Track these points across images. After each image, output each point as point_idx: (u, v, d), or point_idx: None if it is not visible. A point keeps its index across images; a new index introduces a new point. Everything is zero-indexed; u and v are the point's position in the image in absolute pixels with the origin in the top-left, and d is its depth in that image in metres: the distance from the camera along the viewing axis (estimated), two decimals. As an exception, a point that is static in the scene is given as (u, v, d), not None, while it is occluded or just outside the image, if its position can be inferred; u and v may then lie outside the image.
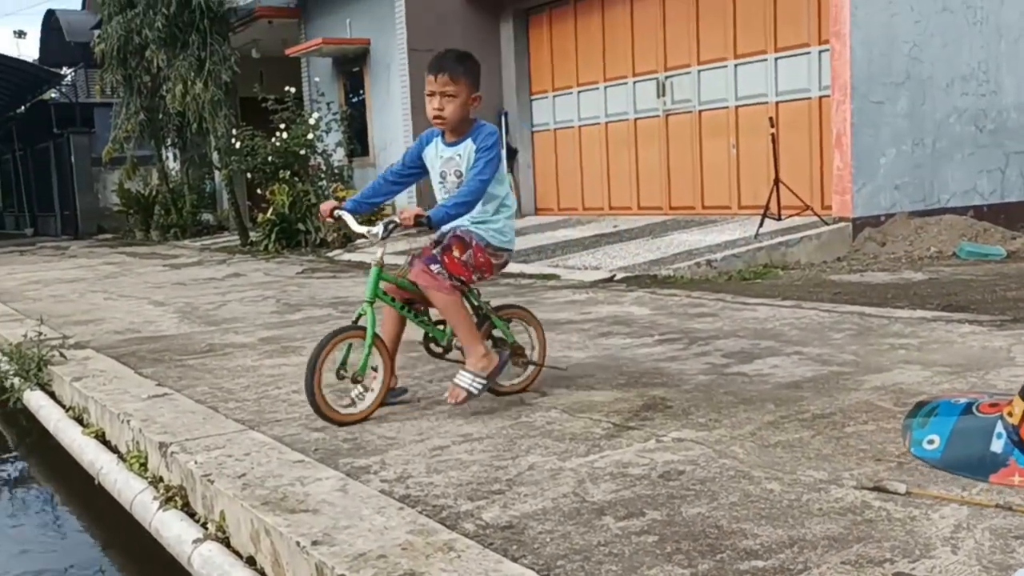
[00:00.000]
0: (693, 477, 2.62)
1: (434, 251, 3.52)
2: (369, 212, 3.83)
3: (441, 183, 3.63)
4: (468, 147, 3.52)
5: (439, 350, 3.70)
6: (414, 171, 3.73)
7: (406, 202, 12.95)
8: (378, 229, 3.43)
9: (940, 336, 4.48)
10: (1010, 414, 0.78)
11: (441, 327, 3.65)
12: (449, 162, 3.58)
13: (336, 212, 3.75)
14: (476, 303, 3.69)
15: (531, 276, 8.03)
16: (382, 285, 3.48)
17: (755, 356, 4.25)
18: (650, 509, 2.39)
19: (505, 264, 3.73)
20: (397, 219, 3.43)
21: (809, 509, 2.32)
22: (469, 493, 2.60)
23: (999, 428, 0.78)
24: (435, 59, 3.47)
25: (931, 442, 0.79)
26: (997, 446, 0.76)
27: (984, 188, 9.10)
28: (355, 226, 3.66)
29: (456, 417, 3.47)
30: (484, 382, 3.43)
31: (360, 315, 3.43)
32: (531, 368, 3.83)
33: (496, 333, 3.74)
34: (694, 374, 3.96)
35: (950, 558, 1.98)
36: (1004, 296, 5.74)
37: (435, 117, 3.49)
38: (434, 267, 3.46)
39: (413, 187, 12.57)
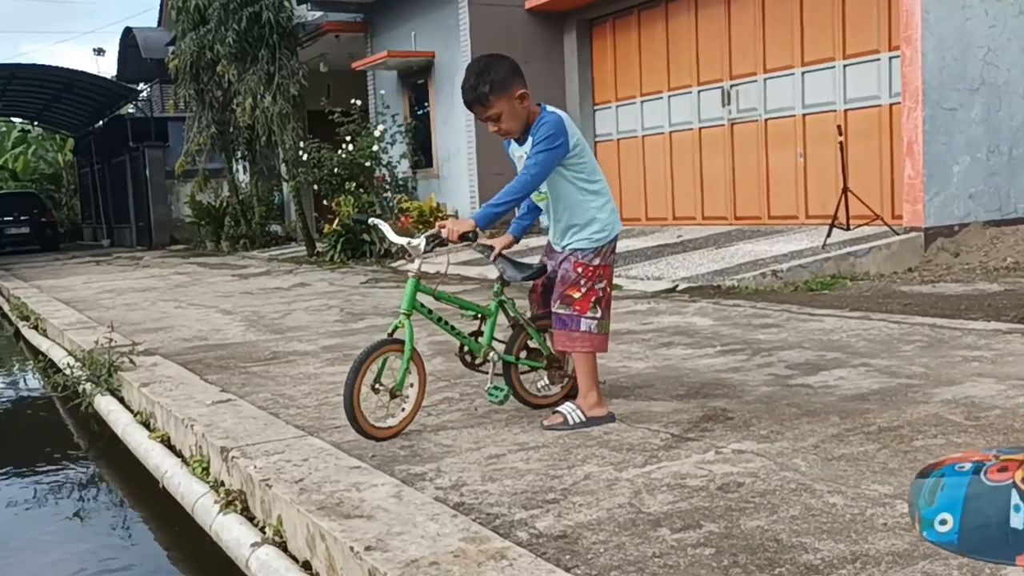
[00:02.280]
0: (753, 489, 2.56)
1: (558, 309, 3.45)
2: (524, 232, 3.78)
3: None
4: (531, 143, 3.47)
5: (472, 360, 3.63)
6: None
7: (468, 208, 13.01)
8: (419, 242, 3.42)
9: (1016, 349, 4.32)
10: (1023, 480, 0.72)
11: (476, 338, 3.60)
12: (521, 160, 3.54)
13: (372, 220, 3.78)
14: (512, 313, 3.65)
15: (593, 286, 7.97)
16: (419, 297, 3.44)
17: (820, 368, 4.15)
18: (707, 521, 2.34)
19: (616, 243, 3.57)
20: (443, 233, 3.41)
21: (873, 524, 2.25)
22: (523, 502, 2.58)
23: (1015, 499, 0.72)
24: (463, 94, 3.43)
25: (943, 523, 0.73)
26: (1017, 521, 0.70)
27: (1064, 197, 8.77)
28: (393, 236, 3.65)
29: (513, 426, 3.46)
30: (583, 419, 3.36)
31: (396, 327, 3.40)
32: (567, 380, 3.76)
33: (532, 344, 3.71)
34: (756, 385, 3.89)
35: (1019, 575, 1.90)
36: (1085, 308, 5.52)
37: (502, 135, 3.52)
38: (582, 326, 3.40)
39: (476, 189, 12.67)
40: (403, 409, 3.40)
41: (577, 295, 3.42)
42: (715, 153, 10.91)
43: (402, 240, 3.55)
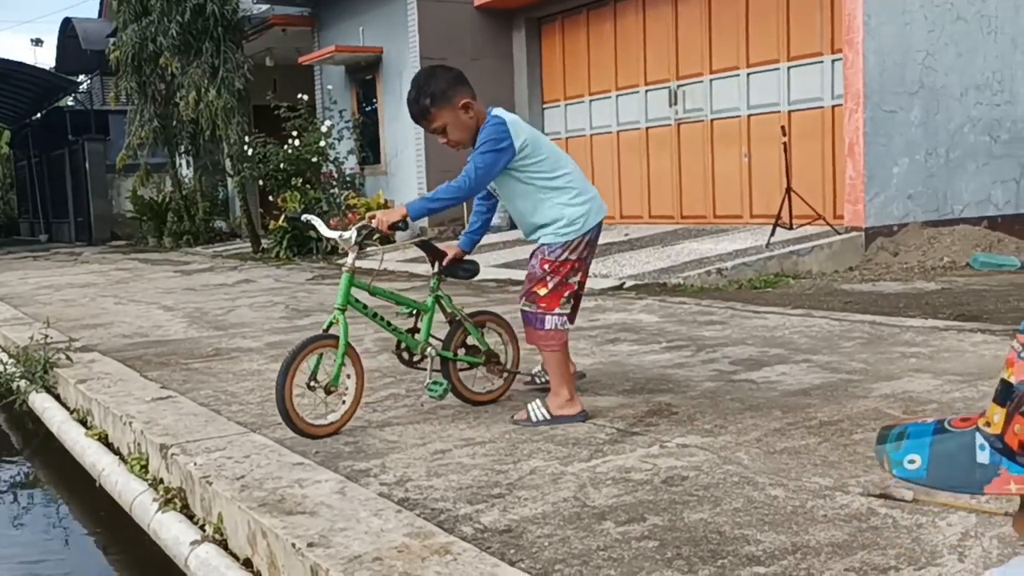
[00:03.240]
0: (696, 483, 2.58)
1: (523, 306, 3.43)
2: (474, 246, 3.76)
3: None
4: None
5: (410, 357, 3.60)
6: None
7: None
8: (351, 234, 3.39)
9: (952, 345, 4.42)
10: (988, 424, 0.75)
11: (413, 335, 3.57)
12: None
13: (305, 217, 3.73)
14: (449, 309, 3.64)
15: (540, 284, 7.99)
16: (354, 292, 3.39)
17: (763, 363, 4.20)
18: (651, 514, 2.35)
19: (593, 236, 3.52)
20: (373, 223, 3.38)
21: (813, 516, 2.28)
22: (469, 497, 2.57)
23: (980, 440, 0.75)
24: (408, 108, 3.44)
25: (912, 462, 0.76)
26: (983, 458, 0.73)
27: (998, 198, 9.02)
28: (325, 231, 3.60)
29: (459, 421, 3.44)
30: (547, 416, 3.32)
31: (331, 323, 3.35)
32: (506, 376, 3.76)
33: (470, 341, 3.69)
34: (701, 381, 3.92)
35: (957, 566, 1.94)
36: (1017, 306, 5.67)
37: (452, 147, 3.51)
38: (547, 324, 3.36)
39: (424, 186, 12.59)
40: (344, 403, 3.36)
41: (543, 291, 3.38)
42: (662, 152, 11.00)
43: (334, 234, 3.50)
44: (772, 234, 8.21)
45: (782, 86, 9.48)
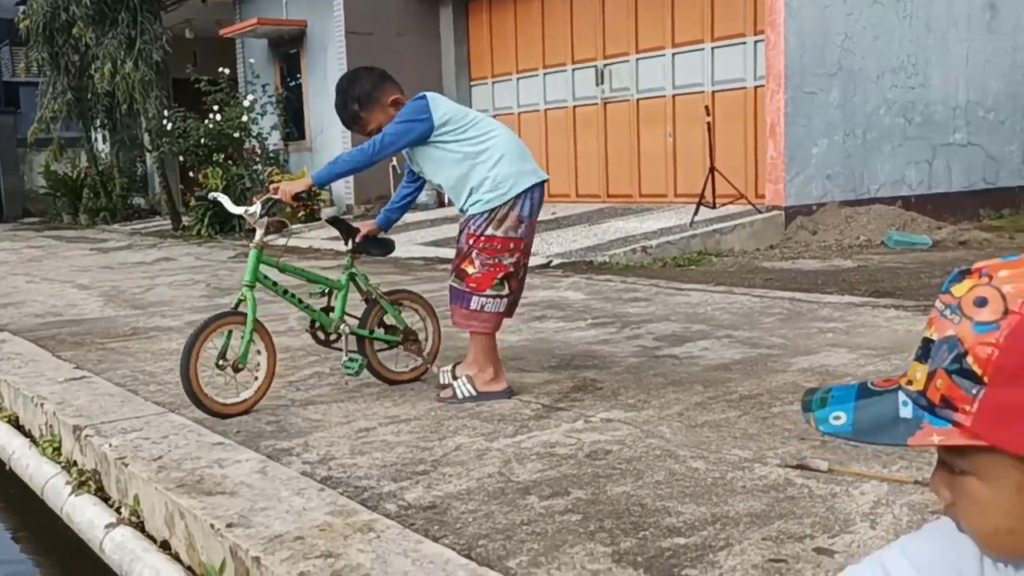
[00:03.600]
0: (620, 456, 2.61)
1: (451, 282, 3.36)
2: (391, 224, 3.67)
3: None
4: None
5: (325, 337, 3.55)
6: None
7: (342, 183, 12.80)
8: (255, 209, 3.33)
9: (867, 320, 4.55)
10: (910, 382, 0.77)
11: (328, 313, 3.52)
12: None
13: (212, 195, 3.67)
14: (365, 286, 3.60)
15: (467, 262, 7.97)
16: (263, 269, 3.33)
17: (686, 339, 4.26)
18: (575, 488, 2.37)
19: (527, 212, 3.33)
20: (277, 195, 3.31)
21: (733, 487, 2.32)
22: (393, 474, 2.55)
23: (902, 397, 0.77)
24: (338, 115, 3.47)
25: (837, 418, 0.78)
26: (906, 412, 0.76)
27: (912, 179, 9.30)
28: (231, 206, 3.53)
29: (384, 399, 3.42)
30: (474, 393, 3.28)
31: (240, 300, 3.28)
32: (426, 356, 3.74)
33: (388, 320, 3.66)
34: (625, 356, 3.96)
35: (868, 533, 2.00)
36: (928, 283, 5.86)
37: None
38: (473, 304, 3.28)
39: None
40: (256, 379, 3.31)
41: (471, 270, 3.27)
42: (588, 131, 11.04)
43: (239, 210, 3.43)
44: (696, 213, 8.32)
45: (706, 67, 9.59)
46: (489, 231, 3.28)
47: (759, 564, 1.87)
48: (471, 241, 3.30)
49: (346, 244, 3.61)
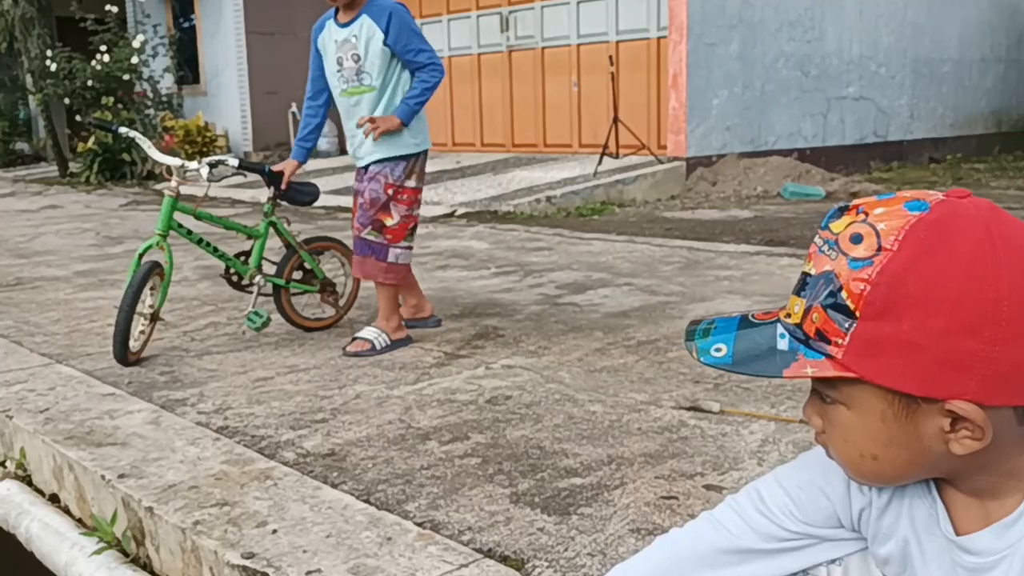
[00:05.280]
0: (519, 402, 2.64)
1: (367, 235, 3.23)
2: (308, 155, 3.49)
3: (339, 71, 3.24)
4: (364, 24, 3.17)
5: (239, 281, 3.49)
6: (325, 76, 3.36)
7: (240, 128, 12.45)
8: (199, 167, 3.23)
9: (761, 268, 4.69)
10: (788, 315, 0.80)
11: (242, 261, 3.45)
12: (344, 45, 3.20)
13: (124, 130, 3.48)
14: (284, 235, 3.53)
15: (370, 210, 7.87)
16: (177, 217, 3.24)
17: (587, 287, 4.32)
18: (475, 433, 2.39)
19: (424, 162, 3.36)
20: (229, 160, 3.25)
21: (628, 429, 2.38)
22: (291, 423, 2.53)
23: (780, 330, 0.80)
24: None
25: (718, 350, 0.80)
26: (783, 345, 0.79)
27: (807, 131, 9.55)
28: (159, 155, 3.38)
29: (283, 348, 3.37)
30: (389, 343, 3.24)
31: (148, 247, 3.16)
32: (340, 308, 3.71)
33: (306, 266, 3.61)
34: (527, 304, 3.99)
35: (756, 470, 2.07)
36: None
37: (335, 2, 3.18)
38: (390, 256, 3.22)
39: (248, 107, 12.06)
40: (142, 332, 3.22)
41: (390, 222, 3.24)
42: (494, 80, 10.96)
43: (172, 161, 3.28)
44: (599, 163, 8.38)
45: (610, 16, 9.59)
46: (409, 182, 3.28)
47: (651, 501, 1.93)
48: (390, 192, 3.24)
49: (269, 189, 3.49)
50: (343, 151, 11.99)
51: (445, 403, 2.65)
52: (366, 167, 3.29)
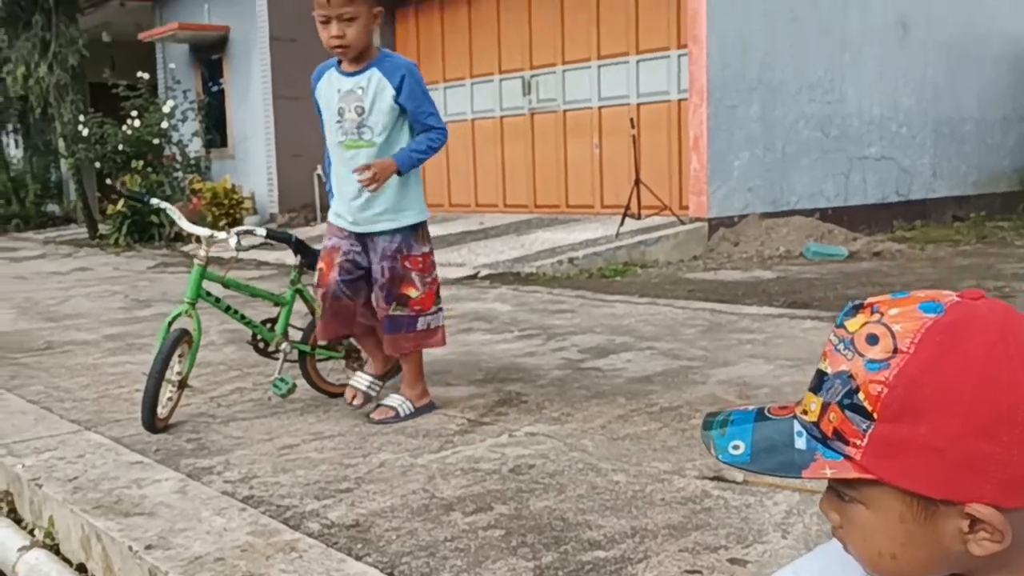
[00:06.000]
0: (543, 471, 2.64)
1: (394, 311, 3.16)
2: None
3: (339, 122, 3.11)
4: (374, 78, 3.05)
5: (266, 347, 3.54)
6: None
7: (266, 191, 12.64)
8: (230, 239, 3.29)
9: (784, 331, 4.68)
10: (804, 412, 0.82)
11: (269, 327, 3.50)
12: (349, 96, 3.07)
13: (155, 201, 3.57)
14: (311, 301, 3.57)
15: (394, 272, 7.95)
16: (206, 285, 3.29)
17: (610, 351, 4.33)
18: (498, 503, 2.39)
19: None
20: (257, 230, 3.31)
21: (652, 499, 2.37)
22: (316, 492, 2.54)
23: (797, 427, 0.81)
24: None
25: (736, 448, 0.82)
26: (800, 444, 0.80)
27: (829, 191, 9.58)
28: (187, 225, 3.44)
29: (308, 415, 3.39)
30: (414, 410, 3.22)
31: (178, 315, 3.21)
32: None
33: None
34: (550, 369, 4.00)
35: (780, 542, 2.06)
36: (844, 294, 6.05)
37: (336, 47, 3.00)
38: (420, 325, 3.19)
39: (274, 170, 12.27)
40: (169, 399, 3.27)
41: (415, 293, 3.17)
42: (516, 141, 11.11)
43: (201, 232, 3.35)
44: (622, 224, 8.44)
45: (631, 80, 9.74)
46: (423, 249, 3.22)
47: (676, 576, 1.92)
48: (407, 263, 3.17)
49: (296, 256, 3.55)
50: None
51: (469, 472, 2.66)
52: (366, 235, 3.18)
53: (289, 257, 3.65)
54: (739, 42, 8.64)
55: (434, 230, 10.40)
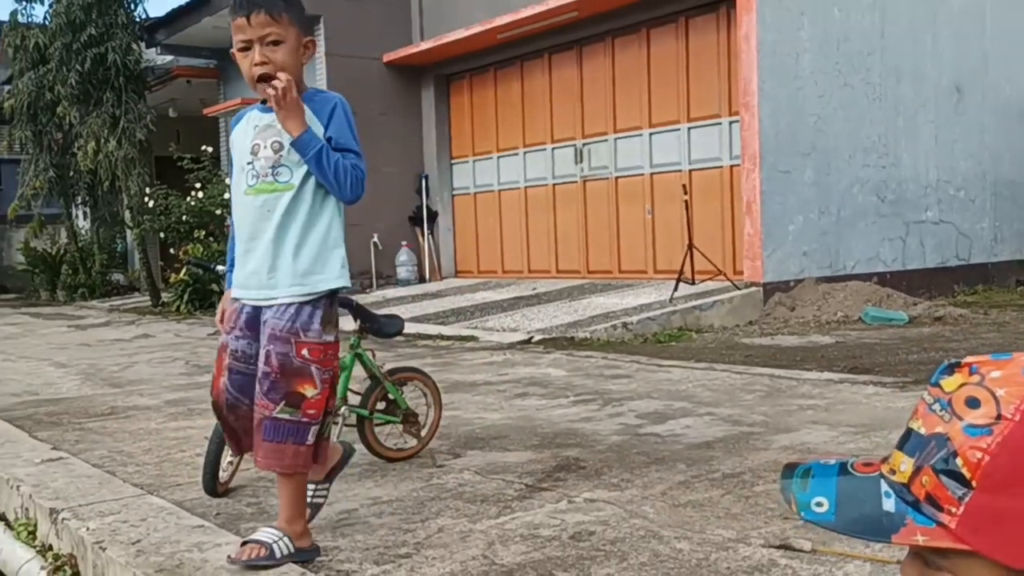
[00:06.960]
0: (603, 538, 2.60)
1: (279, 413, 2.41)
2: None
3: (250, 163, 2.51)
4: (312, 120, 2.49)
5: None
6: None
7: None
8: None
9: (846, 397, 4.59)
10: (892, 471, 0.78)
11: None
12: (267, 131, 2.51)
13: (220, 268, 3.59)
14: (369, 366, 3.60)
15: (449, 338, 7.99)
16: None
17: (668, 417, 4.27)
18: (559, 571, 2.36)
19: None
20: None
21: (717, 568, 2.32)
22: (375, 557, 2.53)
23: (884, 487, 0.78)
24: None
25: (819, 504, 0.78)
26: (889, 505, 0.77)
27: (887, 255, 9.46)
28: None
29: (366, 480, 3.39)
30: (292, 550, 2.43)
31: None
32: (424, 436, 3.73)
33: (389, 396, 3.67)
34: (608, 434, 3.96)
35: (853, 615, 1.99)
36: (906, 359, 5.92)
37: (262, 75, 2.43)
38: (310, 437, 2.43)
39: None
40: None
41: (311, 392, 2.43)
42: (568, 208, 11.19)
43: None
44: (675, 289, 8.40)
45: (683, 146, 9.79)
46: (330, 336, 2.49)
47: (745, 648, 1.86)
48: (306, 352, 2.43)
49: (356, 322, 3.59)
50: (422, 279, 12.27)
51: (528, 538, 2.62)
52: (259, 310, 2.51)
53: (349, 322, 3.68)
54: (791, 108, 8.66)
55: (487, 295, 10.54)
